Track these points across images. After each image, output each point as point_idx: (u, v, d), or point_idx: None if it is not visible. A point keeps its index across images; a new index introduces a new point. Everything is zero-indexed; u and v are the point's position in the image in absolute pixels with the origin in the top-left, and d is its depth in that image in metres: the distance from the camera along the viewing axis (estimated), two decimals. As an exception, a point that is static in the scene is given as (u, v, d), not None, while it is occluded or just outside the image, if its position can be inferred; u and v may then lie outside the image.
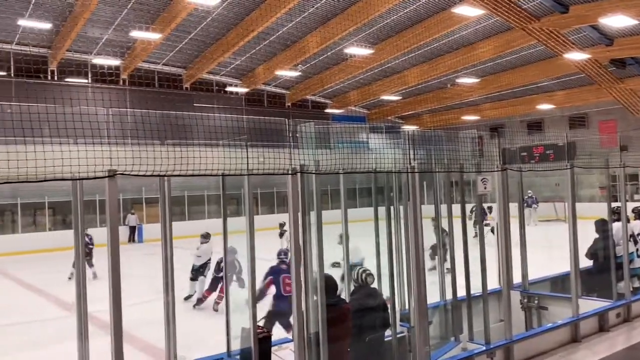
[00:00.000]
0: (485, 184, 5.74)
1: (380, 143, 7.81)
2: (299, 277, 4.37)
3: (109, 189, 3.41)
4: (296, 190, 4.44)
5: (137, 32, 21.90)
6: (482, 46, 24.57)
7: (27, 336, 8.96)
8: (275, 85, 33.45)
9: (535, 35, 21.57)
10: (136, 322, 8.68)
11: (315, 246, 4.61)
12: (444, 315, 6.52)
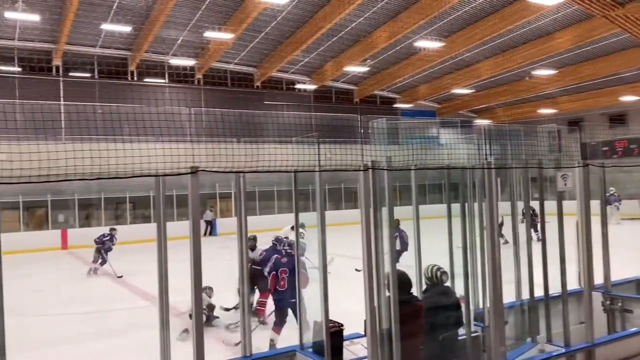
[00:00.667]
0: (566, 180, 5.51)
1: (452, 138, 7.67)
2: (370, 273, 4.37)
3: (191, 185, 3.55)
4: (368, 187, 4.45)
5: (211, 33, 22.62)
6: (560, 36, 23.49)
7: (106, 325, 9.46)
8: (344, 81, 33.49)
9: (619, 23, 20.34)
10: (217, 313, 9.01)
11: (387, 242, 4.60)
12: (520, 316, 6.32)
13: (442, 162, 6.30)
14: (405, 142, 27.22)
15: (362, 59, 27.12)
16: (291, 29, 24.40)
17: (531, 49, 25.09)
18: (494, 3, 21.32)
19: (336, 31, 24.15)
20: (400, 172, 5.17)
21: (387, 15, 22.81)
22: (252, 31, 24.21)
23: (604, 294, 7.46)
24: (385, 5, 21.74)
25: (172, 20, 22.44)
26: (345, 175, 4.42)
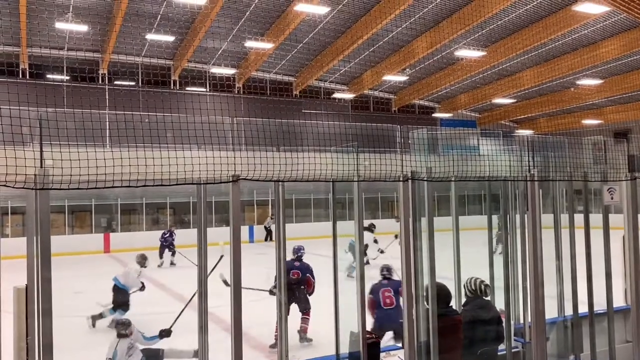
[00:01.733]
0: (612, 193, 5.34)
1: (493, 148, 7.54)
2: (409, 284, 4.34)
3: (232, 192, 3.61)
4: (407, 197, 4.42)
5: (251, 42, 22.97)
6: (605, 45, 22.88)
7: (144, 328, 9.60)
8: (382, 90, 33.41)
9: (669, 31, 19.71)
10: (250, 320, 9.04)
11: (427, 253, 4.55)
12: (562, 332, 6.14)
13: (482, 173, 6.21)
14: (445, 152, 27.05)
15: (401, 68, 27.03)
16: (330, 38, 24.55)
17: (575, 58, 24.50)
18: (537, 12, 20.95)
19: (375, 40, 24.15)
20: (439, 183, 5.12)
21: (427, 25, 22.69)
22: (292, 40, 24.47)
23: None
24: (425, 14, 21.63)
25: (214, 30, 22.89)
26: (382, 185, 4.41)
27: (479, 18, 20.43)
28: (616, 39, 22.46)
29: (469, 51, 23.83)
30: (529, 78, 27.52)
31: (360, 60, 27.45)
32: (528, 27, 22.13)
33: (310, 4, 18.85)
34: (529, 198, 4.59)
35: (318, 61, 27.39)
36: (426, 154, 5.05)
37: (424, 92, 32.09)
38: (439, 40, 22.66)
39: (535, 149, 20.30)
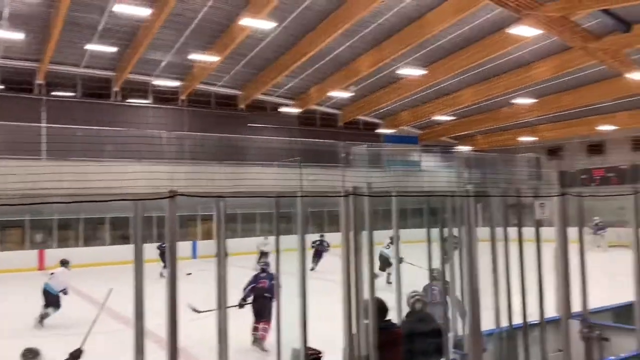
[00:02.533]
0: (544, 208, 5.58)
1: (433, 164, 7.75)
2: (349, 299, 4.35)
3: (169, 208, 3.53)
4: (348, 212, 4.46)
5: (196, 55, 22.72)
6: (539, 66, 24.07)
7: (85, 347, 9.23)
8: (328, 105, 33.75)
9: (596, 55, 20.93)
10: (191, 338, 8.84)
11: (367, 267, 4.59)
12: (499, 343, 6.32)
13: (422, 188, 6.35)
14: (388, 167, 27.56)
15: (346, 84, 27.43)
16: (276, 53, 24.63)
17: (511, 78, 25.63)
18: (474, 33, 21.80)
19: (320, 57, 24.43)
20: (387, 196, 5.20)
21: (370, 43, 23.18)
22: (238, 54, 24.38)
23: (582, 322, 7.50)
24: (368, 33, 22.10)
25: (158, 42, 22.51)
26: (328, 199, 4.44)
27: (419, 38, 21.06)
28: (549, 61, 23.65)
29: (411, 69, 24.48)
30: (468, 96, 28.55)
31: (306, 76, 27.67)
32: (466, 47, 22.99)
33: (256, 19, 18.88)
34: (465, 213, 4.72)
35: (264, 75, 27.39)
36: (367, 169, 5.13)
37: (368, 108, 32.66)
38: (382, 58, 23.21)
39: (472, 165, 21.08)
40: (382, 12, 20.30)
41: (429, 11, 20.02)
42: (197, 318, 8.93)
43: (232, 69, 26.83)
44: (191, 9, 20.11)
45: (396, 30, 21.77)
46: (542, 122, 32.37)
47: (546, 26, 18.72)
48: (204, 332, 7.94)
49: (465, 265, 4.78)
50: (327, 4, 19.93)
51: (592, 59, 21.42)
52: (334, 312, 4.80)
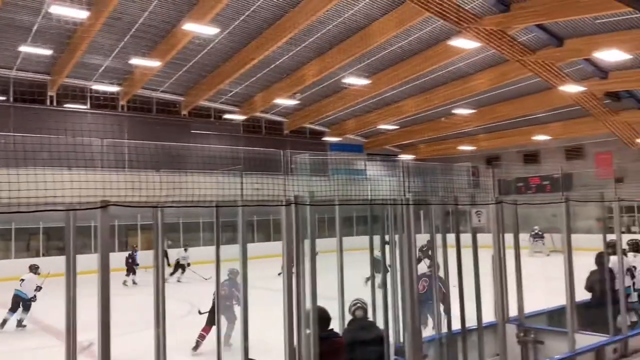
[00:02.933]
0: (480, 216, 5.74)
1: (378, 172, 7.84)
2: (290, 309, 4.31)
3: (101, 219, 3.39)
4: (290, 221, 4.43)
5: (136, 60, 22.15)
6: (478, 78, 24.90)
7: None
8: (274, 113, 33.68)
9: (531, 67, 21.88)
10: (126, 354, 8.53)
11: (309, 276, 4.56)
12: (439, 349, 6.42)
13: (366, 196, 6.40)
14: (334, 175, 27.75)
15: (291, 92, 27.46)
16: (220, 59, 24.36)
17: (451, 89, 26.38)
18: (416, 45, 22.34)
19: (266, 64, 24.36)
20: (328, 205, 5.20)
21: (315, 52, 23.32)
22: (180, 59, 23.95)
23: (517, 326, 7.75)
24: (313, 42, 22.23)
25: (96, 45, 21.80)
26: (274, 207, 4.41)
27: (363, 48, 21.37)
28: (487, 73, 24.51)
29: (355, 79, 24.80)
30: (410, 106, 29.17)
31: (251, 83, 27.51)
32: (408, 58, 23.51)
33: (199, 24, 18.61)
34: (405, 220, 4.78)
35: (208, 82, 27.04)
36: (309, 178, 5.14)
37: (314, 116, 32.82)
38: (327, 67, 23.39)
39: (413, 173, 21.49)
40: (327, 22, 20.48)
41: (372, 22, 20.36)
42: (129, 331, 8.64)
43: (175, 74, 26.34)
44: (131, 12, 19.60)
45: (341, 39, 22.01)
46: (481, 132, 33.48)
47: (484, 39, 19.42)
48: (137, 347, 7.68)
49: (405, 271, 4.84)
50: (272, 11, 19.91)
51: (527, 71, 22.37)
52: (279, 322, 4.74)
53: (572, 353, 6.67)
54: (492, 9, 18.25)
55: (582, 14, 17.11)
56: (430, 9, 17.41)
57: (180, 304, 14.43)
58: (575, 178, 28.48)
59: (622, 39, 18.28)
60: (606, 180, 28.42)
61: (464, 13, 18.22)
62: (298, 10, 19.28)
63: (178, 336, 10.30)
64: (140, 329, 8.82)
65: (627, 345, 7.47)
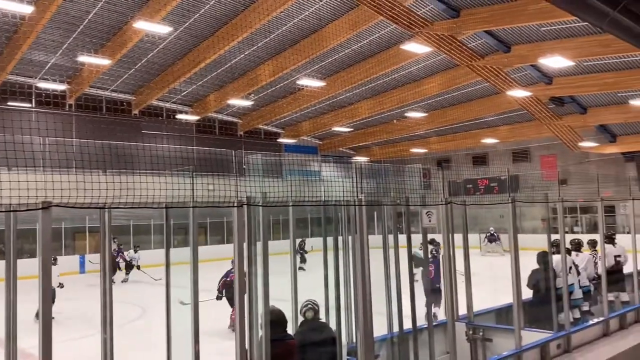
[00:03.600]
0: (430, 217, 5.84)
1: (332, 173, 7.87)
2: (242, 312, 4.27)
3: (42, 221, 3.25)
4: (242, 223, 4.38)
5: (85, 57, 21.48)
6: (429, 82, 25.40)
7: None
8: (227, 113, 33.35)
9: (480, 72, 22.49)
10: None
11: (261, 278, 4.53)
12: (391, 348, 6.50)
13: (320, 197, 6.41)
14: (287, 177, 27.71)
15: (245, 92, 27.23)
16: (172, 58, 23.93)
17: (404, 93, 26.80)
18: (369, 48, 22.59)
19: (219, 64, 24.08)
20: (280, 206, 5.16)
21: (270, 53, 23.24)
22: (131, 58, 23.37)
23: (467, 324, 7.93)
24: (268, 42, 22.14)
25: (42, 41, 21.01)
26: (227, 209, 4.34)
27: (318, 50, 21.44)
28: (437, 77, 25.05)
29: (310, 81, 24.84)
30: (364, 109, 29.47)
31: (204, 82, 27.13)
32: (363, 61, 23.75)
33: (150, 23, 18.22)
34: (357, 221, 4.81)
35: (160, 81, 26.48)
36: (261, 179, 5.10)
37: (268, 117, 32.67)
38: (282, 68, 23.33)
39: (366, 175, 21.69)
40: (281, 23, 20.44)
41: (326, 24, 20.46)
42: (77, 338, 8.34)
43: (125, 73, 25.68)
44: (79, 8, 19.00)
45: (295, 41, 22.02)
46: (432, 134, 34.17)
47: (435, 44, 19.84)
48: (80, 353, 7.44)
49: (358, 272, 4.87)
50: (226, 11, 19.72)
51: (476, 76, 22.98)
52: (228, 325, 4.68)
53: (518, 350, 6.87)
54: (442, 14, 18.66)
55: (528, 21, 17.72)
56: (382, 13, 17.65)
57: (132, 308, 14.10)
58: (522, 180, 29.47)
59: (565, 46, 19.04)
60: (551, 182, 29.56)
61: (415, 18, 18.56)
62: (252, 10, 19.16)
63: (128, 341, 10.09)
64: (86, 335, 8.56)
65: (570, 340, 7.77)
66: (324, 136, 37.72)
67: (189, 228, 4.87)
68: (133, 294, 16.60)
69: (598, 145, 29.82)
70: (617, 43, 13.80)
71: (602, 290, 8.97)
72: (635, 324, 9.29)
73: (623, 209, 24.95)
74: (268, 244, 4.71)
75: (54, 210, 3.47)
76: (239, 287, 4.37)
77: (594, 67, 21.98)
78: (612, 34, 7.22)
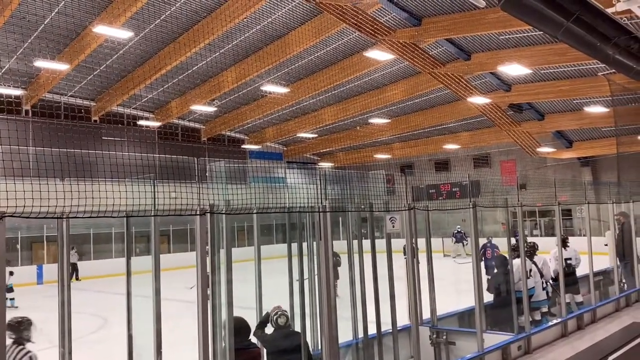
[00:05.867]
0: (394, 222, 5.90)
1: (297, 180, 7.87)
2: (205, 321, 4.21)
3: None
4: (204, 231, 4.33)
5: (42, 62, 20.92)
6: (392, 89, 25.71)
7: None
8: (190, 119, 32.97)
9: (441, 79, 22.91)
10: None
11: (225, 286, 4.49)
12: (356, 354, 6.52)
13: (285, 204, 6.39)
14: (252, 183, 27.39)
15: (209, 98, 26.98)
16: (134, 64, 23.52)
17: (367, 99, 27.05)
18: (333, 55, 22.73)
19: (182, 69, 23.78)
20: (244, 214, 5.12)
21: (234, 59, 23.09)
22: (91, 63, 22.85)
23: (431, 328, 8.03)
24: (232, 49, 22.01)
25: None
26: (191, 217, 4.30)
27: (282, 57, 21.44)
28: (400, 84, 25.37)
29: (274, 87, 24.81)
30: (329, 115, 29.60)
31: (166, 88, 26.75)
32: (327, 68, 23.86)
33: (111, 27, 17.88)
34: (321, 227, 4.83)
35: (121, 86, 25.96)
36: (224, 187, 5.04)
37: (232, 123, 32.43)
38: (246, 74, 23.21)
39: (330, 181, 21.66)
40: (245, 29, 20.36)
41: (290, 31, 20.49)
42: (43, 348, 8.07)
43: (85, 78, 25.10)
44: (36, 12, 18.48)
45: (259, 47, 21.95)
46: (396, 140, 34.56)
47: (398, 51, 20.12)
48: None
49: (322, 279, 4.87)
50: (188, 16, 19.52)
51: (438, 83, 23.39)
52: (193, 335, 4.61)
53: (480, 352, 6.99)
54: (405, 22, 18.94)
55: (487, 30, 18.17)
56: (346, 20, 17.79)
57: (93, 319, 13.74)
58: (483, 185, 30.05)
59: (523, 55, 19.58)
60: (511, 187, 30.27)
61: (378, 25, 18.78)
62: (215, 17, 19.02)
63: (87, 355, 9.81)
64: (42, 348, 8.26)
65: (530, 342, 7.95)
66: (289, 142, 37.69)
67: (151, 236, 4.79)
68: (93, 304, 16.19)
69: (555, 151, 30.72)
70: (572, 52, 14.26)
71: (561, 293, 9.22)
72: (591, 324, 9.59)
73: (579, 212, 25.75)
74: (232, 252, 4.68)
75: (8, 220, 3.36)
76: (202, 296, 4.32)
77: (550, 75, 22.67)
78: (566, 43, 7.47)
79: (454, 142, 32.84)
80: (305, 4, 18.57)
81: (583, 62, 19.61)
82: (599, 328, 9.27)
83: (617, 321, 9.60)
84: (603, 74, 19.92)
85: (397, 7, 18.17)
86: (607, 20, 7.10)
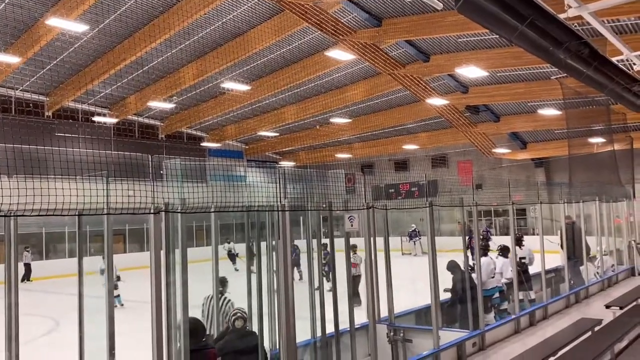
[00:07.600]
0: (352, 221, 5.92)
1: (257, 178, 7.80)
2: (160, 322, 4.12)
3: None
4: (159, 230, 4.24)
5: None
6: (352, 89, 25.85)
7: None
8: (148, 116, 32.31)
9: (401, 80, 23.18)
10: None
11: (180, 287, 4.40)
12: (314, 353, 6.51)
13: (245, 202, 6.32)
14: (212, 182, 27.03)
15: (167, 94, 26.48)
16: (89, 58, 22.86)
17: (328, 99, 27.10)
18: (295, 53, 22.67)
19: (140, 65, 23.24)
20: (200, 212, 5.04)
21: (193, 55, 22.74)
22: (43, 57, 22.09)
23: (388, 326, 8.11)
24: (191, 45, 21.66)
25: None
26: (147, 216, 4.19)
27: (242, 54, 21.23)
28: (361, 84, 25.54)
29: (235, 84, 24.57)
30: (290, 114, 29.54)
31: (123, 84, 26.11)
32: (288, 66, 23.79)
33: (65, 20, 17.31)
34: (280, 226, 4.80)
35: (75, 81, 25.18)
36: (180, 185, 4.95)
37: (192, 120, 31.92)
38: (206, 70, 22.90)
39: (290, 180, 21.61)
40: (205, 25, 20.08)
41: (251, 28, 20.33)
42: None
43: (37, 72, 24.25)
44: (-15, 2, 17.76)
45: (219, 44, 21.68)
46: (356, 140, 34.78)
47: (359, 52, 20.24)
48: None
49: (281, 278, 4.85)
50: (146, 11, 19.10)
51: (397, 84, 23.66)
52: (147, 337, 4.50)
53: (436, 349, 7.10)
54: (365, 23, 19.06)
55: (446, 33, 18.47)
56: (308, 19, 17.78)
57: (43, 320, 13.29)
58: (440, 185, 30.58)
59: (480, 57, 20.01)
60: (467, 187, 30.89)
61: (340, 25, 18.85)
62: (174, 12, 18.68)
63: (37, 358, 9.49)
64: None
65: (485, 338, 8.13)
66: (250, 140, 37.42)
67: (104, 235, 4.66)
68: (44, 306, 15.67)
69: (510, 152, 31.55)
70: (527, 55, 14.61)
71: (514, 290, 9.47)
72: (543, 320, 9.89)
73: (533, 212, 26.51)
74: (187, 252, 4.60)
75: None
76: (156, 297, 4.22)
77: (506, 78, 23.25)
78: (521, 47, 7.66)
79: (413, 142, 33.29)
80: (266, 2, 18.47)
81: (537, 66, 20.20)
82: (550, 324, 9.57)
83: (567, 317, 9.93)
84: (556, 78, 20.55)
85: (358, 7, 18.28)
86: (560, 26, 7.31)
